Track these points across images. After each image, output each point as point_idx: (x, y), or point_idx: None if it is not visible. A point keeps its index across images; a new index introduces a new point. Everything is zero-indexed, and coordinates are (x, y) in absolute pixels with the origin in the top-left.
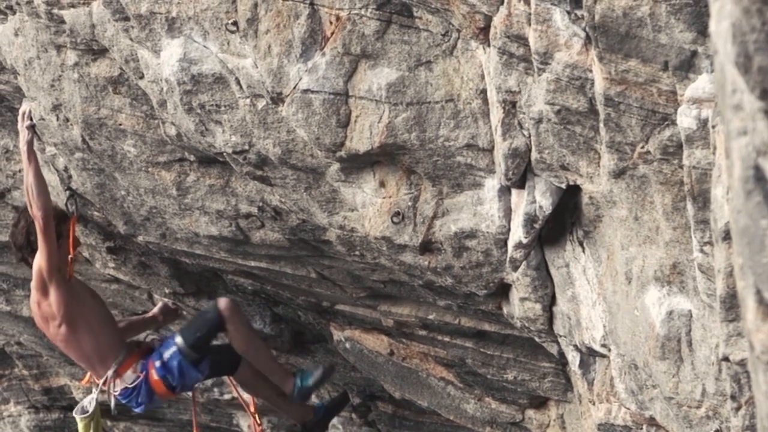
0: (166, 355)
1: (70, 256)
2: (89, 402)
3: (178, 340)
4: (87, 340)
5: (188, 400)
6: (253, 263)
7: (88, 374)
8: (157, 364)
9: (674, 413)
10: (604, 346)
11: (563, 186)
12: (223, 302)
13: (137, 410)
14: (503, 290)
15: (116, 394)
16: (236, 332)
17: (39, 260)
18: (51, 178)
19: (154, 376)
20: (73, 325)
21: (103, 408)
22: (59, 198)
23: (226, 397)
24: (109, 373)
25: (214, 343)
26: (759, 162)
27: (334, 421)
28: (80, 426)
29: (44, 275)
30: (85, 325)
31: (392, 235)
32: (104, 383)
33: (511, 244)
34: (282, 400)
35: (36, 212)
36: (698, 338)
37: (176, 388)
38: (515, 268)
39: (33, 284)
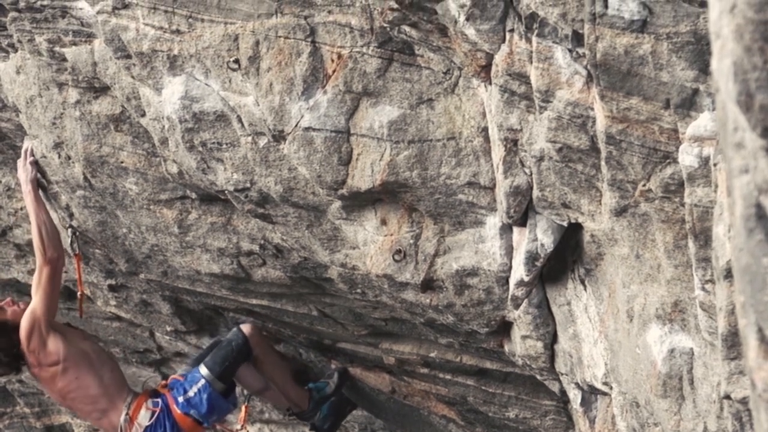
0: (193, 390)
1: (79, 293)
2: None
3: (204, 372)
4: (92, 381)
5: None
6: (254, 301)
7: None
8: (180, 399)
9: None
10: (605, 383)
11: (565, 224)
12: (247, 328)
13: None
14: (505, 328)
15: None
16: (264, 357)
17: (38, 310)
18: (53, 215)
19: (177, 410)
20: (77, 367)
21: None
22: (61, 235)
23: None
24: (122, 419)
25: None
26: (761, 200)
27: None
28: None
29: (42, 325)
30: (87, 363)
31: (394, 273)
32: None
33: (512, 282)
34: (286, 386)
35: (51, 254)
36: (700, 376)
37: (205, 422)
38: (517, 306)
39: (29, 344)
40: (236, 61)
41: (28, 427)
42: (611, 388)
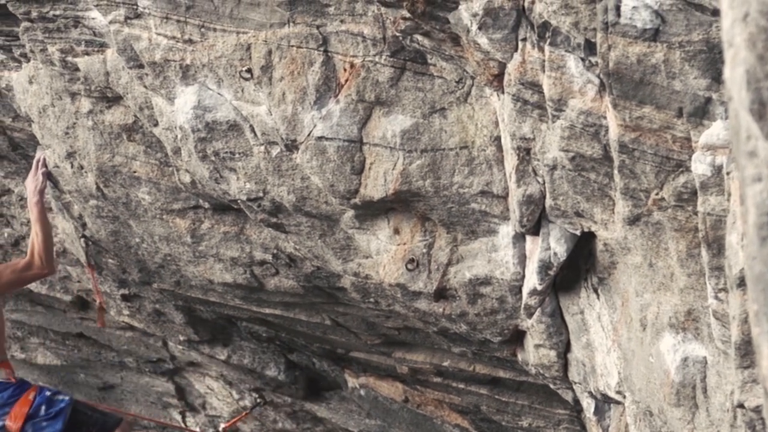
0: (59, 396)
1: (98, 303)
2: None
3: (69, 398)
4: None
5: None
6: (267, 310)
7: None
8: (46, 393)
9: None
10: (619, 392)
11: (578, 233)
12: (125, 424)
13: None
14: (518, 337)
15: None
16: None
17: (3, 280)
18: (66, 225)
19: (30, 395)
20: None
21: None
22: (74, 245)
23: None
24: None
25: None
26: None
27: None
28: None
29: None
30: None
31: (407, 282)
32: None
33: (525, 290)
34: None
35: (49, 268)
36: (713, 385)
37: (33, 418)
38: (530, 315)
39: None
40: (249, 70)
41: None
42: (624, 397)
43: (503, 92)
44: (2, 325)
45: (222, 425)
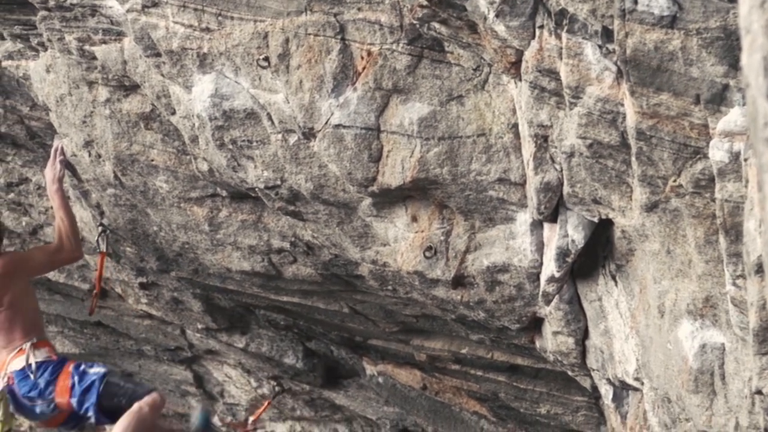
0: (92, 370)
1: (95, 291)
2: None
3: (104, 370)
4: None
5: None
6: (285, 298)
7: None
8: (81, 368)
9: None
10: (637, 379)
11: (595, 220)
12: (156, 395)
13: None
14: (536, 324)
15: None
16: (149, 414)
17: (31, 261)
18: (83, 214)
19: (69, 368)
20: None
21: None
22: (91, 234)
23: None
24: (27, 344)
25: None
26: None
27: None
28: None
29: (17, 268)
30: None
31: (425, 270)
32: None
33: (543, 278)
34: None
35: (78, 253)
36: (731, 371)
37: (74, 405)
38: (548, 302)
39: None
40: (266, 58)
41: None
42: (643, 383)
43: (520, 79)
44: (37, 305)
45: (251, 418)
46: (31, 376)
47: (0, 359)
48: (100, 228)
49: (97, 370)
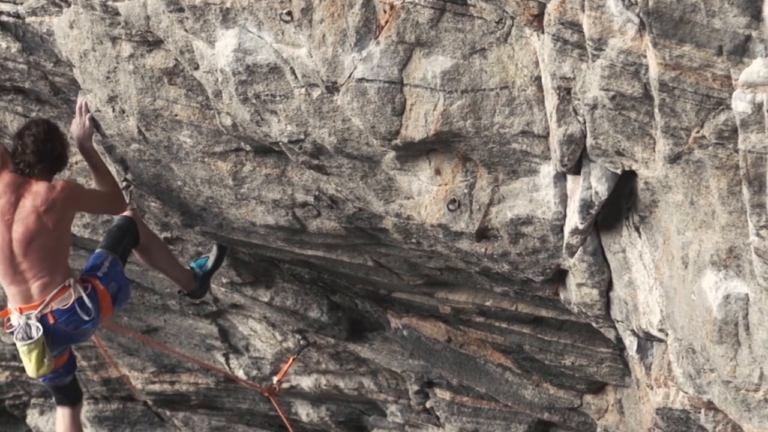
0: (105, 267)
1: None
2: (34, 328)
3: (106, 252)
4: (54, 247)
5: (246, 389)
6: (309, 252)
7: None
8: (100, 274)
9: (732, 397)
10: (661, 330)
11: (619, 172)
12: (130, 212)
13: (86, 326)
14: (560, 276)
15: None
16: (149, 242)
17: (90, 198)
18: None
19: (100, 286)
20: (57, 225)
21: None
22: None
23: (284, 385)
24: (70, 281)
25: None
26: None
27: (392, 408)
28: (25, 355)
29: (70, 198)
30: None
31: (448, 223)
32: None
33: (567, 230)
34: (173, 270)
35: (126, 205)
36: (755, 322)
37: (115, 299)
38: (572, 254)
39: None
40: (289, 13)
41: (85, 380)
42: (667, 334)
43: (543, 32)
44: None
45: (275, 378)
46: (82, 314)
47: (37, 292)
48: (124, 183)
49: (103, 262)
